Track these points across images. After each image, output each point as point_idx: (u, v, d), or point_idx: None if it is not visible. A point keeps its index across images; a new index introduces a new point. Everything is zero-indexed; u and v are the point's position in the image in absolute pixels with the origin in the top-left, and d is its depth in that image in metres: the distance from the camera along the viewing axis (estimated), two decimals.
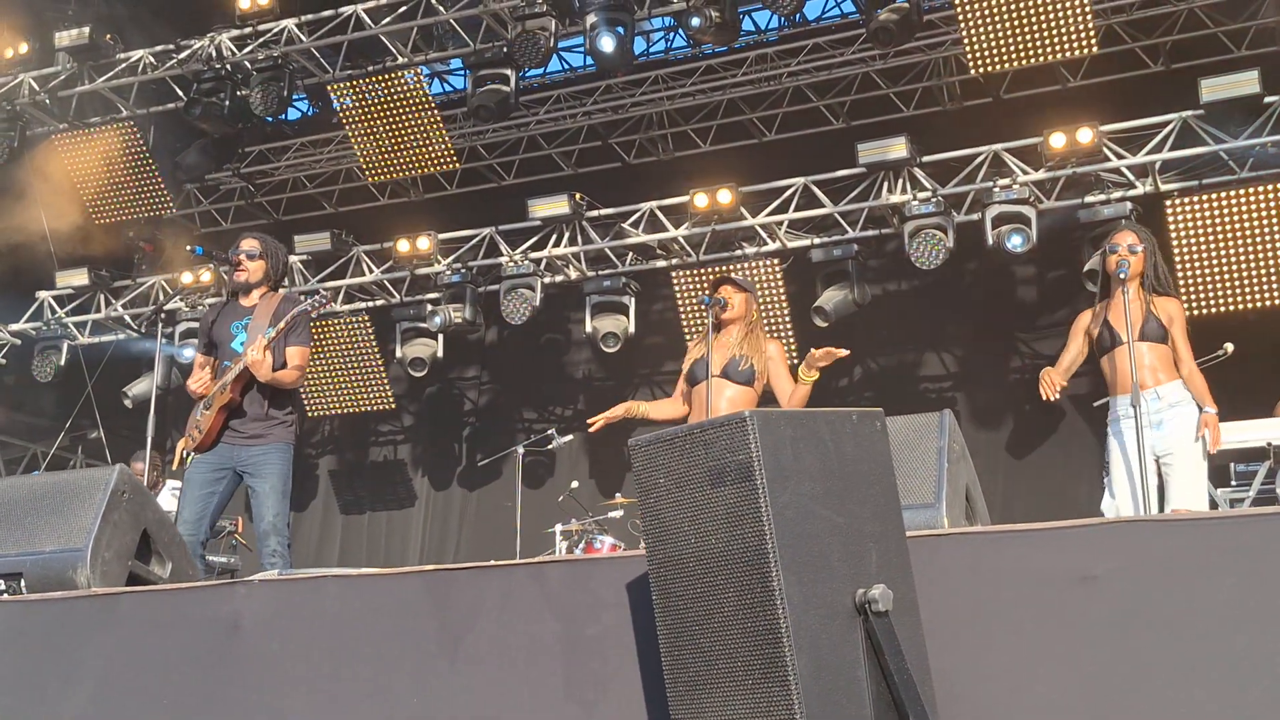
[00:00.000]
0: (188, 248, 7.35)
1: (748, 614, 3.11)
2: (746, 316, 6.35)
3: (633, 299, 11.56)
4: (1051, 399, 6.16)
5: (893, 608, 3.20)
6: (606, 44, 10.25)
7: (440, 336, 12.07)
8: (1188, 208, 9.97)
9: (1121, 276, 5.96)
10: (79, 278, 13.01)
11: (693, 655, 3.24)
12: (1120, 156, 10.22)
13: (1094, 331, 6.17)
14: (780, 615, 3.03)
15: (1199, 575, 3.43)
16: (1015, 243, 10.10)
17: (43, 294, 13.29)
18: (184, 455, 6.38)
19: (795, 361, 11.15)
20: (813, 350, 5.98)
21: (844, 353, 5.95)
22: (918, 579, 3.43)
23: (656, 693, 3.62)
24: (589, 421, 6.52)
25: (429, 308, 12.08)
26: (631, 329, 11.47)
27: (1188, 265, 9.95)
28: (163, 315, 7.38)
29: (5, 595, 4.89)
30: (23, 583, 4.88)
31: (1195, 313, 9.92)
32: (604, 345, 11.51)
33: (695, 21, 10.08)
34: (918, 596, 3.41)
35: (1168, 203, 10.05)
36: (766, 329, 7.51)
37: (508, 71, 10.86)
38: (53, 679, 4.46)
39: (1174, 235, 9.94)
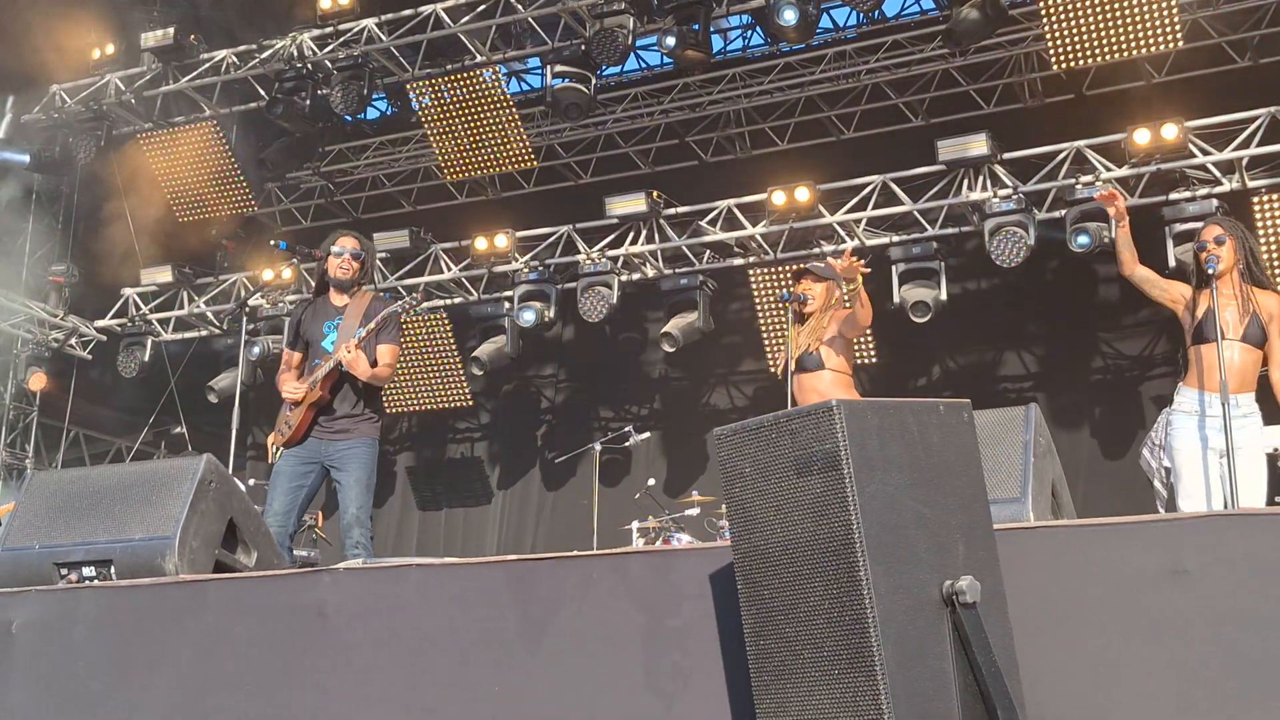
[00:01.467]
0: (271, 241, 7.45)
1: (834, 604, 3.08)
2: (827, 304, 6.35)
3: (704, 296, 11.51)
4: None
5: (980, 600, 3.17)
6: (789, 16, 10.15)
7: (508, 334, 12.10)
8: (1276, 204, 9.80)
9: (1210, 272, 5.85)
10: (163, 275, 13.22)
11: (778, 645, 3.22)
12: (1206, 153, 10.06)
13: (1195, 316, 6.01)
14: (867, 605, 3.01)
15: None
16: (1082, 242, 9.96)
17: (128, 291, 13.53)
18: (274, 450, 6.47)
19: (872, 361, 11.18)
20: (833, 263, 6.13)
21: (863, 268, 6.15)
22: (1004, 573, 3.39)
23: (737, 685, 3.60)
24: None
25: (506, 306, 12.15)
26: (700, 324, 11.42)
27: (1276, 261, 9.78)
28: (246, 310, 7.47)
29: (96, 581, 4.98)
30: (113, 569, 4.97)
31: None
32: (663, 345, 11.50)
33: (791, 16, 9.95)
34: (1005, 590, 3.38)
35: (1255, 199, 9.90)
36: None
37: (585, 70, 10.89)
38: (140, 663, 4.52)
39: (1261, 232, 9.78)
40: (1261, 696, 3.29)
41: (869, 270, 6.11)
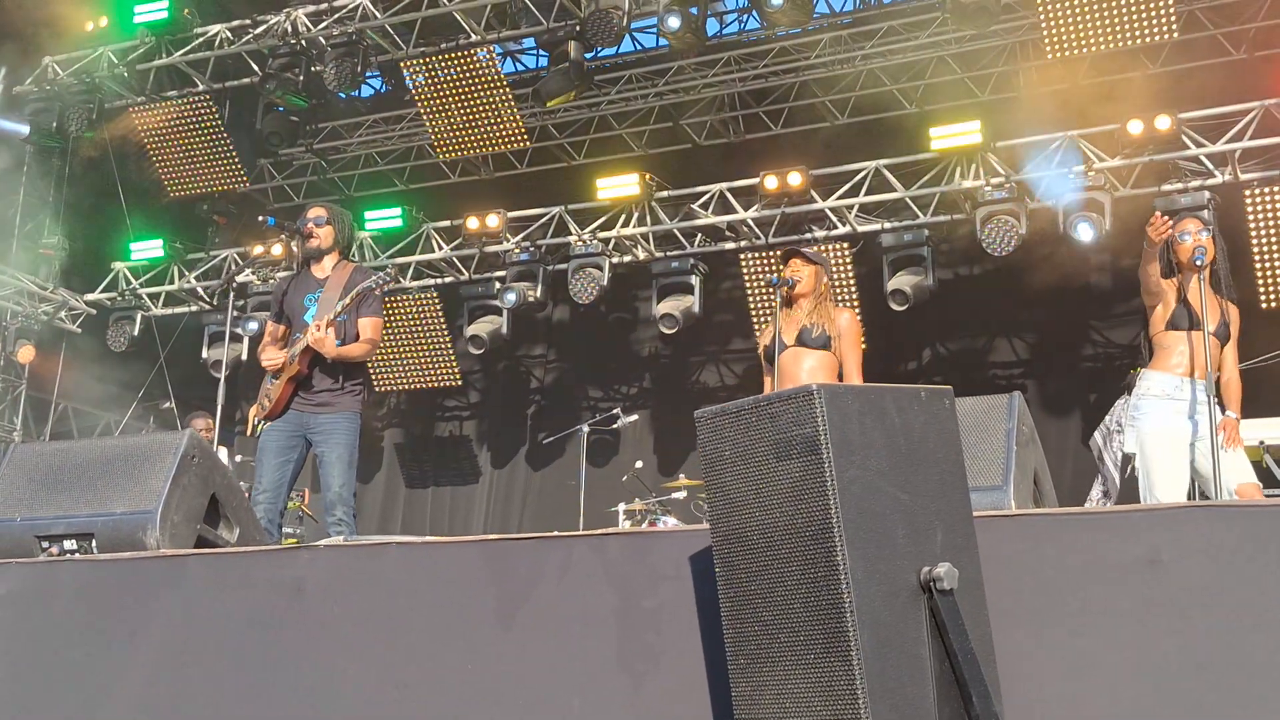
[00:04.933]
0: (260, 218, 7.44)
1: (811, 589, 3.07)
2: (816, 289, 6.34)
3: (699, 280, 11.52)
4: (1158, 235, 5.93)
5: (957, 587, 3.16)
6: (672, 22, 10.22)
7: (505, 314, 12.09)
8: (1268, 197, 9.81)
9: (1198, 263, 5.84)
10: (154, 249, 13.18)
11: (754, 629, 3.22)
12: (1199, 145, 10.04)
13: (1170, 304, 6.01)
14: (844, 591, 3.00)
15: (1270, 562, 3.36)
16: (1083, 232, 9.96)
17: (118, 265, 13.48)
18: (255, 423, 6.45)
19: (863, 346, 11.17)
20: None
21: None
22: (982, 560, 3.39)
23: (709, 666, 3.61)
24: None
25: (496, 286, 12.13)
26: (697, 310, 11.43)
27: (1267, 255, 9.79)
28: (234, 286, 7.44)
29: (77, 554, 4.97)
30: (94, 543, 4.95)
31: (1272, 305, 9.78)
32: (662, 326, 11.50)
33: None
34: (983, 577, 3.37)
35: (1247, 192, 9.90)
36: (837, 300, 7.49)
37: (574, 54, 10.88)
38: (120, 637, 4.52)
39: (1253, 225, 9.79)
40: (1231, 685, 3.30)
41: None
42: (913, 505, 3.19)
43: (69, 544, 5.00)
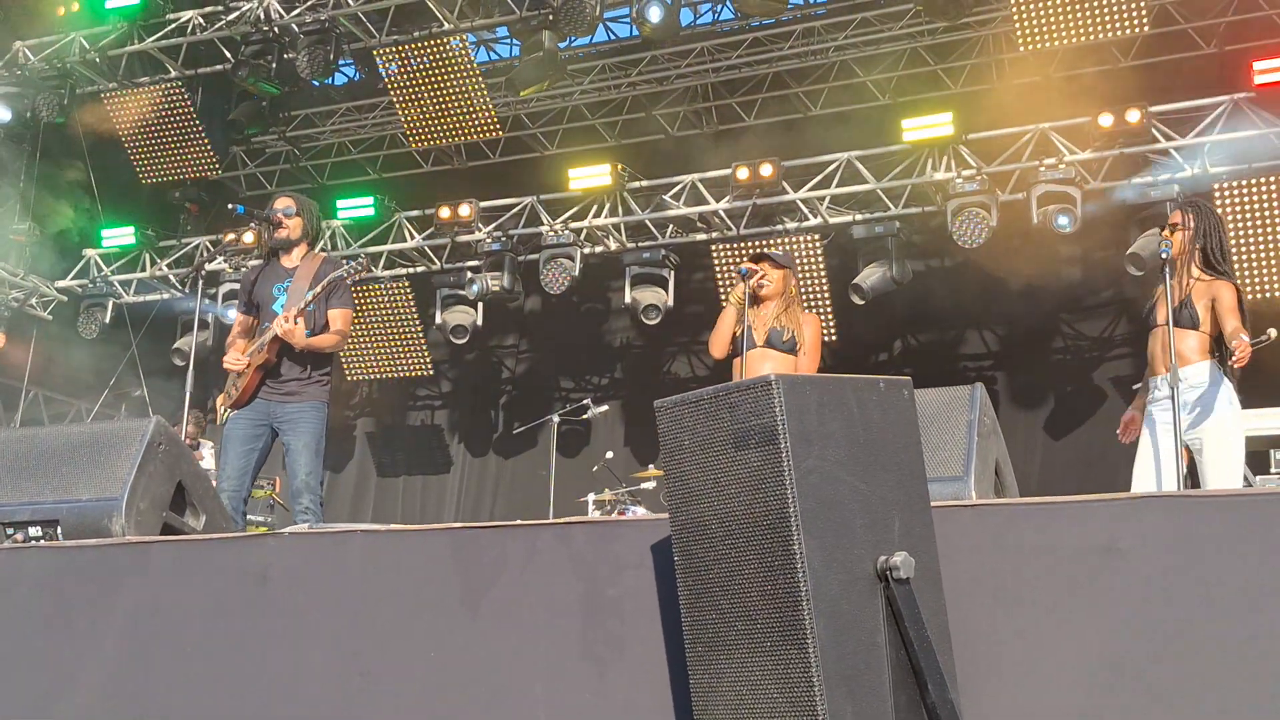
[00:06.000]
0: (229, 206, 7.41)
1: (768, 577, 3.09)
2: (785, 292, 6.33)
3: (672, 272, 11.53)
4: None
5: (914, 576, 3.19)
6: (654, 14, 10.22)
7: (480, 304, 12.10)
8: (1236, 191, 9.87)
9: (1163, 256, 5.88)
10: (125, 237, 13.12)
11: (713, 617, 3.24)
12: (1169, 138, 10.10)
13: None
14: (800, 579, 3.02)
15: (1225, 551, 3.40)
16: (1063, 223, 10.03)
17: (89, 252, 13.41)
18: (222, 412, 6.44)
19: (833, 338, 11.20)
20: None
21: None
22: (942, 550, 3.42)
23: (672, 654, 3.62)
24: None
25: (468, 275, 12.11)
26: (670, 301, 11.46)
27: (1236, 248, 9.84)
28: (204, 275, 7.38)
29: (41, 541, 4.96)
30: (59, 530, 4.94)
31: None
32: (644, 317, 11.51)
33: None
34: (941, 567, 3.40)
35: (1216, 185, 9.95)
36: (805, 304, 7.49)
37: (548, 44, 10.86)
38: (84, 625, 4.51)
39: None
40: (1188, 670, 3.34)
41: None
42: (871, 495, 3.21)
43: (34, 531, 4.99)
